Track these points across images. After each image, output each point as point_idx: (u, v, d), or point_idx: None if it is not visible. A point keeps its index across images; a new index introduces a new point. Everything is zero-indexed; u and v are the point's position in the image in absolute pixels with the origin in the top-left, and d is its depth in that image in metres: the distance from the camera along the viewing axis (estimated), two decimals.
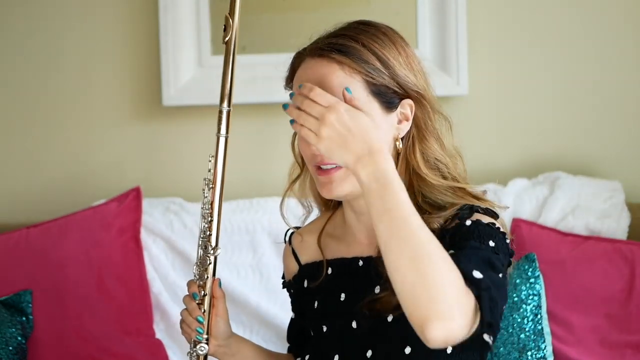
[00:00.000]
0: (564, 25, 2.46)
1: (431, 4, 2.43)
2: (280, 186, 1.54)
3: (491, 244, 1.29)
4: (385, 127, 1.36)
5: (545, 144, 2.48)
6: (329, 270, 1.46)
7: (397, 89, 1.36)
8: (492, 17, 2.46)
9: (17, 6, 2.49)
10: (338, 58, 1.34)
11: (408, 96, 1.37)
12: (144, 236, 2.33)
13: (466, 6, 2.40)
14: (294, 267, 1.55)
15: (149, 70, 2.49)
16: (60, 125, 2.52)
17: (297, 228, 1.57)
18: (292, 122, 1.29)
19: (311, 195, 1.52)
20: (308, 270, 1.51)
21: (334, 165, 1.34)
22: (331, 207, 1.54)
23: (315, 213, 1.56)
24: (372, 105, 1.34)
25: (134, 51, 2.49)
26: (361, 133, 1.24)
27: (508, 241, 1.35)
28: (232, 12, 1.43)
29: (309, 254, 1.53)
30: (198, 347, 1.48)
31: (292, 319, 1.62)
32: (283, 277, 1.60)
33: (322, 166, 1.36)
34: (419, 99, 1.37)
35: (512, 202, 2.32)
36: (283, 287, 1.60)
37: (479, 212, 1.36)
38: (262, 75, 2.42)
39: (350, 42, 1.35)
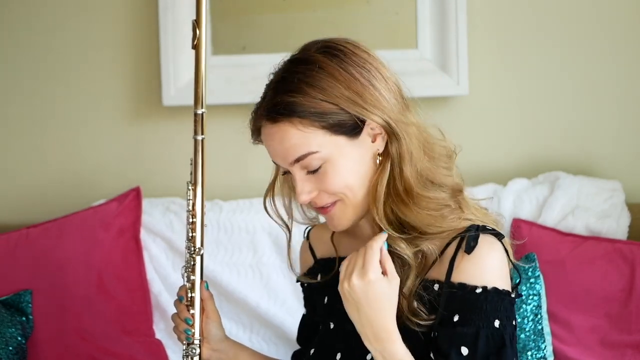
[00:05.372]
0: (564, 25, 2.46)
1: (431, 4, 2.42)
2: None
3: (496, 324, 1.31)
4: (357, 154, 1.35)
5: (545, 144, 2.48)
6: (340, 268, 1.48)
7: (353, 118, 1.33)
8: (492, 17, 2.46)
9: (16, 6, 2.49)
10: (287, 120, 1.33)
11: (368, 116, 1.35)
12: (144, 236, 2.33)
13: (466, 6, 2.40)
14: (310, 261, 1.58)
15: (149, 70, 2.49)
16: (60, 125, 2.52)
17: (313, 226, 1.59)
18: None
19: None
20: (322, 265, 1.53)
21: (329, 203, 1.37)
22: None
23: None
24: (339, 142, 1.33)
25: (134, 51, 2.49)
26: (376, 315, 1.31)
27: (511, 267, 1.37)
28: (198, 20, 1.48)
29: (324, 249, 1.55)
30: (189, 348, 1.49)
31: (303, 316, 1.62)
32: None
33: (319, 206, 1.38)
34: (381, 115, 1.34)
35: (512, 202, 2.32)
36: (297, 281, 1.60)
37: (485, 232, 1.35)
38: (263, 75, 2.41)
39: (291, 96, 1.33)
